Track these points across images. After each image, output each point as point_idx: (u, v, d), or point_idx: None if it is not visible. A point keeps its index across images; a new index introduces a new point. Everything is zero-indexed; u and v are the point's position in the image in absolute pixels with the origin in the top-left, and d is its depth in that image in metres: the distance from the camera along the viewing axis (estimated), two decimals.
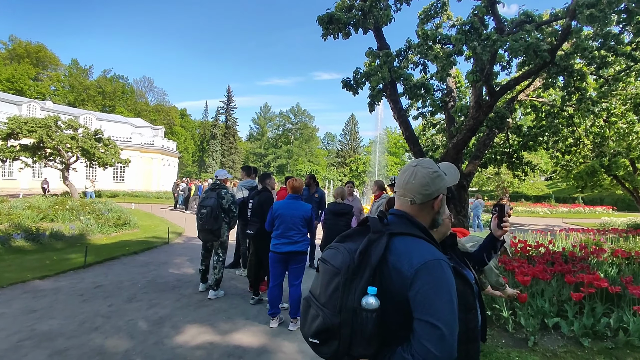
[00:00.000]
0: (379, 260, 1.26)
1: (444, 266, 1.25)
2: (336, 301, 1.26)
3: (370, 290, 1.21)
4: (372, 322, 1.20)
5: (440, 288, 1.21)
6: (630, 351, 3.94)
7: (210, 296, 5.57)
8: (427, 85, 7.00)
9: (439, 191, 1.46)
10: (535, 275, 4.60)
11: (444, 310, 1.18)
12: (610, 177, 16.33)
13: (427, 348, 1.15)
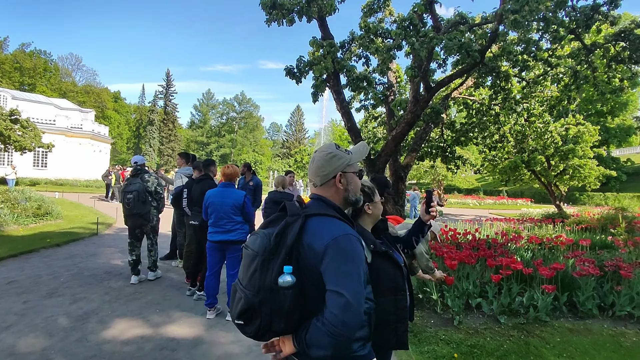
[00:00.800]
0: (294, 241, 1.35)
1: (352, 240, 1.35)
2: (255, 282, 1.33)
3: (286, 269, 1.30)
4: (289, 299, 1.30)
5: (347, 260, 1.31)
6: (538, 325, 4.42)
7: (149, 277, 5.67)
8: (369, 78, 7.16)
9: (337, 170, 1.54)
10: (462, 260, 4.96)
11: (349, 280, 1.28)
12: (529, 172, 18.08)
13: (334, 314, 1.25)
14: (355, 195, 1.62)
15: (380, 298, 2.03)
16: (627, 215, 11.65)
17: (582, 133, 16.52)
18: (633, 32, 5.52)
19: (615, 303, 4.71)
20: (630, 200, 26.46)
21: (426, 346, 3.91)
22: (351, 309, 1.26)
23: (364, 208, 2.04)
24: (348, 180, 1.58)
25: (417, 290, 5.22)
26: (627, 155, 43.57)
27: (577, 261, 5.35)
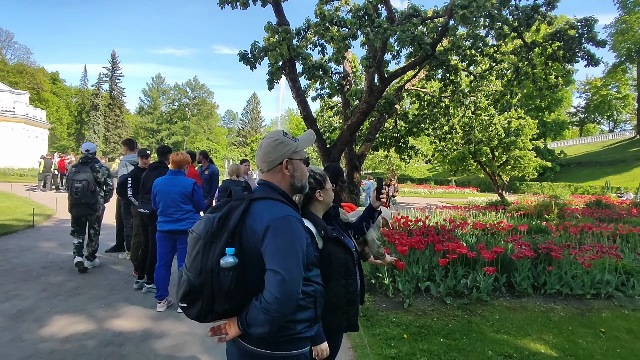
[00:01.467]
0: (237, 223, 1.38)
1: (292, 221, 1.39)
2: (197, 264, 1.36)
3: (228, 250, 1.33)
4: (230, 280, 1.33)
5: (284, 240, 1.34)
6: (480, 305, 4.73)
7: (86, 265, 5.53)
8: (325, 67, 7.16)
9: (283, 156, 1.57)
10: (412, 246, 5.17)
11: (285, 258, 1.32)
12: (475, 162, 19.19)
13: (269, 292, 1.30)
14: (301, 182, 1.65)
15: (331, 282, 2.07)
16: (559, 203, 12.74)
17: (523, 126, 17.75)
18: (567, 32, 5.98)
19: (547, 282, 5.15)
20: (563, 189, 28.99)
21: (378, 329, 4.06)
22: (285, 286, 1.29)
23: (315, 195, 2.06)
24: (294, 167, 1.61)
25: (370, 276, 5.39)
26: (560, 148, 47.41)
27: (515, 245, 5.77)
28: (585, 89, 59.76)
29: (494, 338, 3.90)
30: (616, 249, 6.03)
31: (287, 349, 1.48)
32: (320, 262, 2.03)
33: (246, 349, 1.49)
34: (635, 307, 4.87)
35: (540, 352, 3.65)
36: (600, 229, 7.90)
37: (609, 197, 19.30)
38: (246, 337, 1.48)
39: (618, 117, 61.02)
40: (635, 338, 4.04)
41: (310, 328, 1.55)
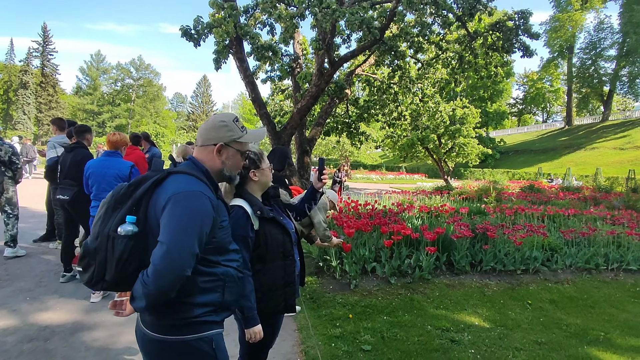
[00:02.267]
0: (144, 193, 1.33)
1: (197, 197, 1.32)
2: (97, 228, 1.32)
3: (129, 218, 1.28)
4: (123, 248, 1.26)
5: (182, 213, 1.27)
6: (422, 283, 4.94)
7: (6, 254, 5.19)
8: (275, 48, 6.97)
9: (219, 139, 1.51)
10: (359, 228, 5.26)
11: (177, 231, 1.25)
12: (423, 149, 19.94)
13: (153, 263, 1.24)
14: (231, 172, 1.58)
15: (268, 263, 2.03)
16: (497, 187, 13.65)
17: (467, 115, 18.67)
18: (505, 24, 6.29)
19: (483, 260, 5.49)
20: (502, 175, 31.01)
21: (324, 310, 4.10)
22: (167, 259, 1.22)
23: (249, 174, 1.98)
24: (228, 154, 1.55)
25: (318, 259, 5.42)
26: (501, 136, 50.59)
27: (455, 226, 6.08)
28: (524, 82, 63.99)
29: (434, 313, 4.09)
30: (543, 228, 6.57)
31: (184, 332, 1.38)
32: (256, 242, 1.98)
33: (144, 332, 1.43)
34: (557, 280, 5.34)
35: (475, 324, 3.89)
36: (531, 211, 8.55)
37: (541, 183, 20.99)
38: (145, 320, 1.42)
39: (551, 109, 66.19)
40: (556, 308, 4.43)
41: (215, 313, 1.45)
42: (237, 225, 1.87)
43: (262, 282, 1.99)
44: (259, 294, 1.95)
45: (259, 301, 1.94)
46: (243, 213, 1.91)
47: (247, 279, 1.88)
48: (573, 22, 45.34)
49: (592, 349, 3.45)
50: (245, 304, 1.86)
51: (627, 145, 33.24)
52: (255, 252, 1.97)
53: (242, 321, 1.92)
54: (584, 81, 47.55)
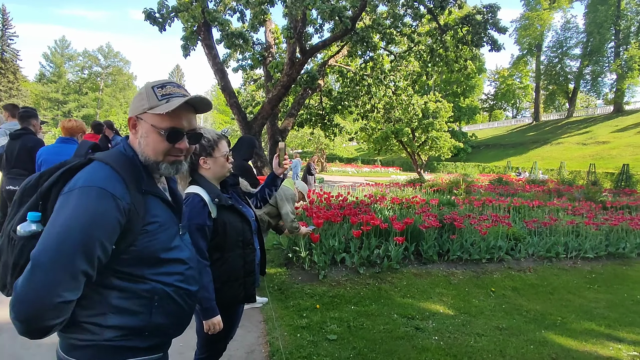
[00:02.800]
0: (52, 184, 1.06)
1: (91, 195, 1.01)
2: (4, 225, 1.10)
3: (31, 215, 1.03)
4: (21, 251, 1.02)
5: (64, 218, 0.98)
6: (390, 273, 4.98)
7: None
8: (246, 36, 6.80)
9: (134, 110, 1.18)
10: (328, 219, 5.24)
11: (49, 241, 0.96)
12: (397, 142, 20.17)
13: (14, 286, 0.97)
14: (146, 156, 1.16)
15: (227, 252, 1.96)
16: (467, 180, 14.00)
17: (440, 109, 18.99)
18: (474, 17, 6.38)
19: (450, 249, 5.60)
20: (473, 168, 31.93)
21: (292, 301, 4.06)
22: (30, 281, 0.93)
23: (199, 162, 1.90)
24: (143, 131, 1.16)
25: (287, 250, 5.38)
26: (473, 131, 51.90)
27: (423, 216, 6.16)
28: (495, 78, 65.76)
29: (401, 302, 4.13)
30: (508, 218, 6.76)
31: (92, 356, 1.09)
32: (214, 231, 1.91)
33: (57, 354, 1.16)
34: (520, 268, 5.51)
35: (440, 312, 3.95)
36: (498, 202, 8.80)
37: (509, 176, 21.69)
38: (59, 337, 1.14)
39: (520, 105, 68.45)
40: (518, 295, 4.57)
41: (137, 338, 1.14)
42: (193, 214, 1.79)
43: (220, 271, 1.93)
44: (217, 284, 1.89)
45: (217, 291, 1.88)
46: (199, 201, 1.84)
47: (205, 269, 1.81)
48: (542, 21, 46.82)
49: (549, 333, 3.57)
50: (203, 295, 1.79)
51: (589, 141, 34.82)
52: (214, 242, 1.91)
53: (200, 312, 1.86)
54: (551, 79, 49.40)
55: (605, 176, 20.72)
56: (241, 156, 4.02)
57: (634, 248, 6.45)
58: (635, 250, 6.46)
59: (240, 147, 3.98)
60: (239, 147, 3.97)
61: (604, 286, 5.02)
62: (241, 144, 4.02)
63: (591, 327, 3.77)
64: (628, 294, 4.75)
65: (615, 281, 5.25)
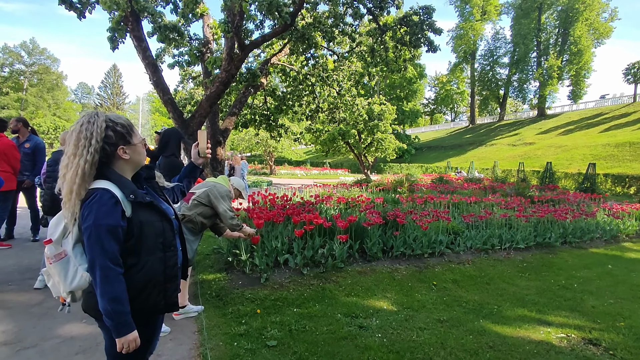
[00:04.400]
0: None
1: None
2: None
3: None
4: None
5: None
6: (335, 272, 4.88)
7: None
8: (180, 30, 6.42)
9: None
10: (270, 219, 5.03)
11: None
12: (344, 143, 20.41)
13: None
14: None
15: (144, 256, 1.68)
16: (410, 179, 14.46)
17: (384, 111, 19.52)
18: (411, 18, 6.55)
19: (394, 245, 5.63)
20: (416, 169, 33.27)
21: (231, 307, 3.81)
22: None
23: (118, 152, 1.63)
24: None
25: (227, 254, 5.08)
26: (416, 134, 54.27)
27: (367, 214, 6.17)
28: (435, 84, 69.41)
29: (345, 301, 4.03)
30: (447, 213, 6.99)
31: None
32: (129, 232, 1.64)
33: None
34: (459, 261, 5.68)
35: (383, 308, 3.91)
36: (439, 199, 9.12)
37: (449, 175, 22.82)
38: None
39: (457, 109, 72.89)
40: (458, 287, 4.67)
41: None
42: (102, 213, 1.51)
43: (137, 279, 1.64)
44: (133, 293, 1.61)
45: (133, 301, 1.60)
46: (110, 197, 1.55)
47: (118, 277, 1.54)
48: (474, 31, 50.28)
49: (487, 322, 3.66)
50: (115, 308, 1.52)
51: (518, 142, 37.80)
52: (128, 244, 1.62)
53: (112, 329, 1.56)
54: (484, 85, 53.18)
55: (532, 174, 22.54)
56: (170, 152, 3.69)
57: (558, 237, 6.96)
58: (560, 239, 6.97)
59: (167, 142, 3.66)
60: (164, 143, 3.65)
61: (533, 274, 5.31)
62: (167, 139, 3.70)
63: (524, 313, 3.93)
64: (554, 280, 5.06)
65: (543, 269, 5.59)
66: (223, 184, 3.63)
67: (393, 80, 52.47)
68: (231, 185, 3.79)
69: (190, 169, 2.16)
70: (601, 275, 5.36)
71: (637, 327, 3.68)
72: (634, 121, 31.54)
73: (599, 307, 4.20)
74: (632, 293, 4.68)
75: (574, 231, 7.28)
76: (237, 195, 3.92)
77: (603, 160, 23.22)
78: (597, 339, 3.40)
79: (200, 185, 3.57)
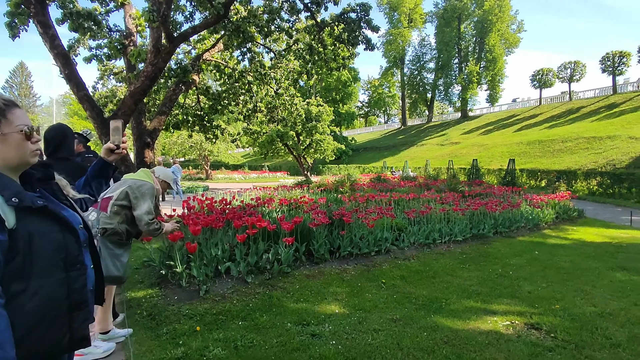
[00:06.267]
0: None
1: None
2: None
3: None
4: None
5: None
6: (282, 278, 4.60)
7: None
8: (97, 19, 5.70)
9: None
10: (208, 225, 4.60)
11: None
12: (283, 145, 20.14)
13: None
14: None
15: (39, 280, 1.23)
16: (350, 179, 14.63)
17: (322, 113, 19.60)
18: (349, 15, 6.52)
19: (341, 246, 5.49)
20: (354, 169, 34.07)
21: (165, 327, 3.35)
22: None
23: None
24: None
25: (160, 266, 4.55)
26: (352, 135, 55.66)
27: (313, 214, 5.97)
28: (368, 87, 71.98)
29: (294, 308, 3.77)
30: (391, 210, 7.05)
31: None
32: (12, 248, 1.20)
33: None
34: (405, 257, 5.71)
35: (335, 312, 3.71)
36: (380, 197, 9.25)
37: (386, 174, 23.60)
38: None
39: (390, 111, 76.29)
40: (406, 283, 4.64)
41: None
42: None
43: (27, 310, 1.18)
44: (22, 330, 1.15)
45: (22, 340, 1.15)
46: None
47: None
48: (403, 38, 53.00)
49: (438, 317, 3.63)
50: None
51: (445, 142, 40.47)
52: (13, 265, 1.17)
53: None
54: (413, 88, 56.30)
55: (460, 170, 24.17)
56: (66, 153, 3.07)
57: (491, 228, 7.36)
58: (492, 230, 7.38)
59: (60, 142, 3.04)
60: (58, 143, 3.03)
61: (473, 265, 5.50)
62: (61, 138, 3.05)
63: (470, 305, 3.98)
64: (492, 269, 5.28)
65: (481, 259, 5.83)
66: (145, 179, 3.07)
67: (329, 83, 53.36)
68: (156, 177, 3.24)
69: (100, 166, 1.75)
70: (531, 262, 5.71)
71: (570, 308, 3.90)
72: (541, 122, 35.38)
73: (534, 292, 4.41)
74: (559, 276, 5.02)
75: (503, 222, 7.77)
76: (165, 187, 3.39)
77: (518, 156, 25.61)
78: (538, 323, 3.52)
79: (117, 185, 3.01)
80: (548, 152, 25.27)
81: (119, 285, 3.81)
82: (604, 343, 3.16)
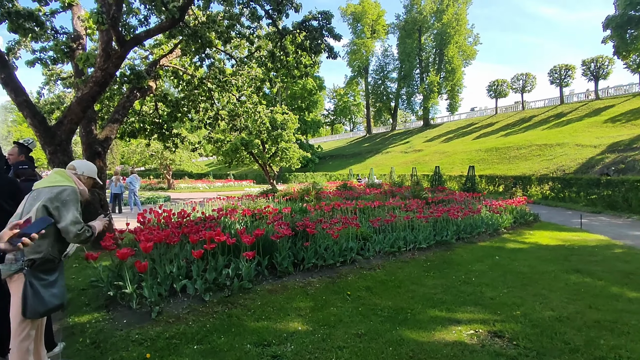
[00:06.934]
0: None
1: None
2: None
3: None
4: None
5: None
6: (242, 294, 4.37)
7: None
8: (39, 19, 5.28)
9: None
10: (162, 240, 4.30)
11: None
12: (248, 154, 19.77)
13: None
14: None
15: None
16: (316, 187, 14.52)
17: (287, 121, 19.45)
18: (311, 23, 6.47)
19: (305, 257, 5.34)
20: (321, 177, 34.12)
21: (111, 356, 3.04)
22: None
23: None
24: None
25: (107, 286, 4.19)
26: (318, 143, 55.92)
27: (275, 225, 5.78)
28: (333, 96, 72.81)
29: (255, 328, 3.56)
30: (355, 219, 6.99)
31: None
32: None
33: None
34: (370, 266, 5.64)
35: (298, 329, 3.54)
36: (346, 205, 9.20)
37: (352, 182, 23.75)
38: None
39: (355, 119, 77.46)
40: (372, 294, 4.55)
41: None
42: None
43: None
44: None
45: None
46: None
47: None
48: (367, 48, 54.17)
49: (403, 329, 3.55)
50: None
51: (409, 149, 41.49)
52: None
53: None
54: (377, 97, 57.53)
55: (423, 177, 24.76)
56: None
57: (453, 234, 7.48)
58: (454, 236, 7.50)
59: None
60: None
61: (437, 272, 5.51)
62: None
63: (435, 314, 3.94)
64: (455, 276, 5.31)
65: (444, 266, 5.86)
66: (63, 182, 2.53)
67: (294, 91, 53.38)
68: (74, 175, 2.67)
69: None
70: (492, 267, 5.81)
71: (530, 314, 3.95)
72: (497, 129, 37.11)
73: (496, 298, 4.46)
74: (519, 281, 5.13)
75: (465, 228, 7.92)
76: (91, 184, 2.83)
77: (477, 163, 26.64)
78: (501, 331, 3.53)
79: (31, 202, 2.46)
80: (504, 159, 26.45)
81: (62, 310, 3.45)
82: (563, 348, 3.19)
